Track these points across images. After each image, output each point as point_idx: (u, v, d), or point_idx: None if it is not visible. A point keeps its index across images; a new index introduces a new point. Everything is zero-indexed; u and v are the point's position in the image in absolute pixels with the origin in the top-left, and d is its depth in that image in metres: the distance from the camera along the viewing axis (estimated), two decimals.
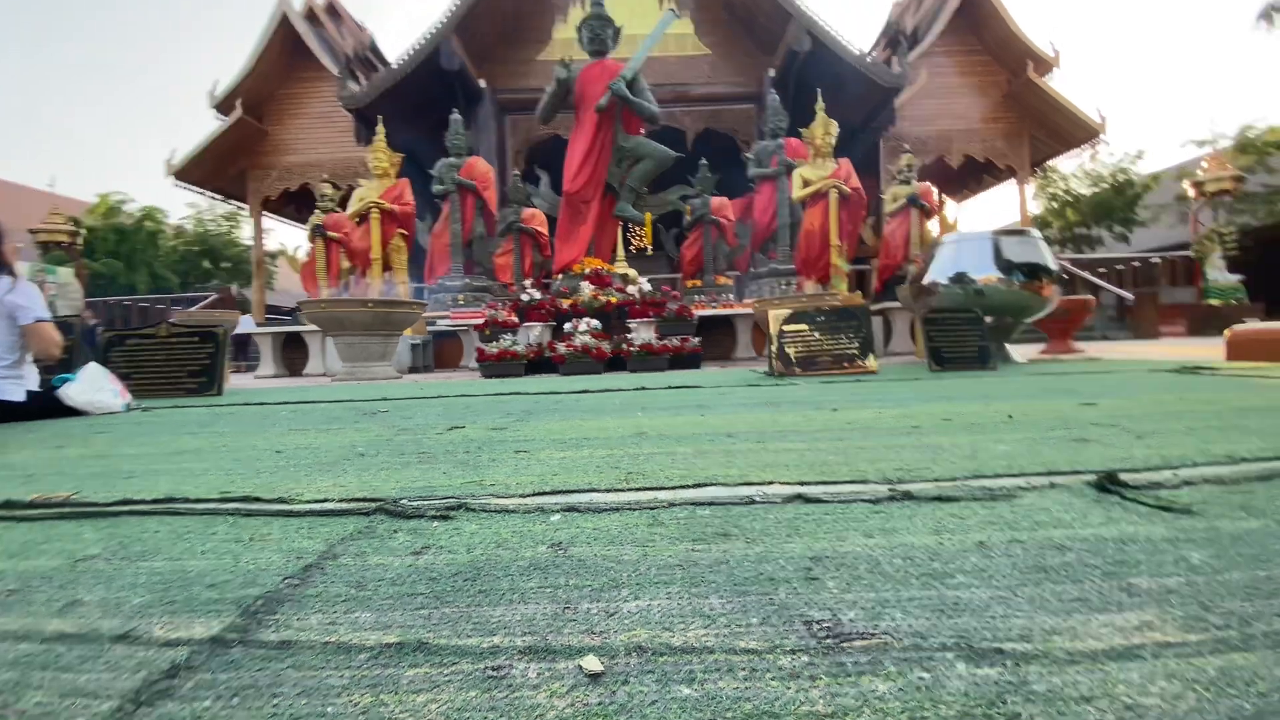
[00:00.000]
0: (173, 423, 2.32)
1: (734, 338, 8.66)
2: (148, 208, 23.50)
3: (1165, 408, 1.75)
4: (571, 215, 8.10)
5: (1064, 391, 2.29)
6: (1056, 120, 17.53)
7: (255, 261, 18.78)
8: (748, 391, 2.78)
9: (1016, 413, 1.78)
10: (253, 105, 17.44)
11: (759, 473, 1.10)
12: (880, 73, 14.26)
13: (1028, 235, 4.46)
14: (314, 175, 18.04)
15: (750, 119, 16.69)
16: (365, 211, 7.84)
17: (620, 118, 7.96)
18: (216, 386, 3.85)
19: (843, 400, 2.26)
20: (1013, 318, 4.59)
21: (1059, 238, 26.91)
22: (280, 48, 17.32)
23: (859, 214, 7.96)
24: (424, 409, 2.52)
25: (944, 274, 4.60)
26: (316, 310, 5.64)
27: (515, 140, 16.57)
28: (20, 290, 2.55)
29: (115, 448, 1.70)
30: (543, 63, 16.34)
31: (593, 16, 7.80)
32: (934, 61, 17.76)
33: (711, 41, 16.61)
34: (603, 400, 2.62)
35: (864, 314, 3.78)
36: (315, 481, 1.15)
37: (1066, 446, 1.24)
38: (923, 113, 17.86)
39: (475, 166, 10.88)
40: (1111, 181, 24.30)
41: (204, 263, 25.79)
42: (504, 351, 5.19)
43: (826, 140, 8.06)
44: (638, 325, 6.13)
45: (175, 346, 3.91)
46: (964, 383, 2.87)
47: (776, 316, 3.79)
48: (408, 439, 1.69)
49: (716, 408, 2.18)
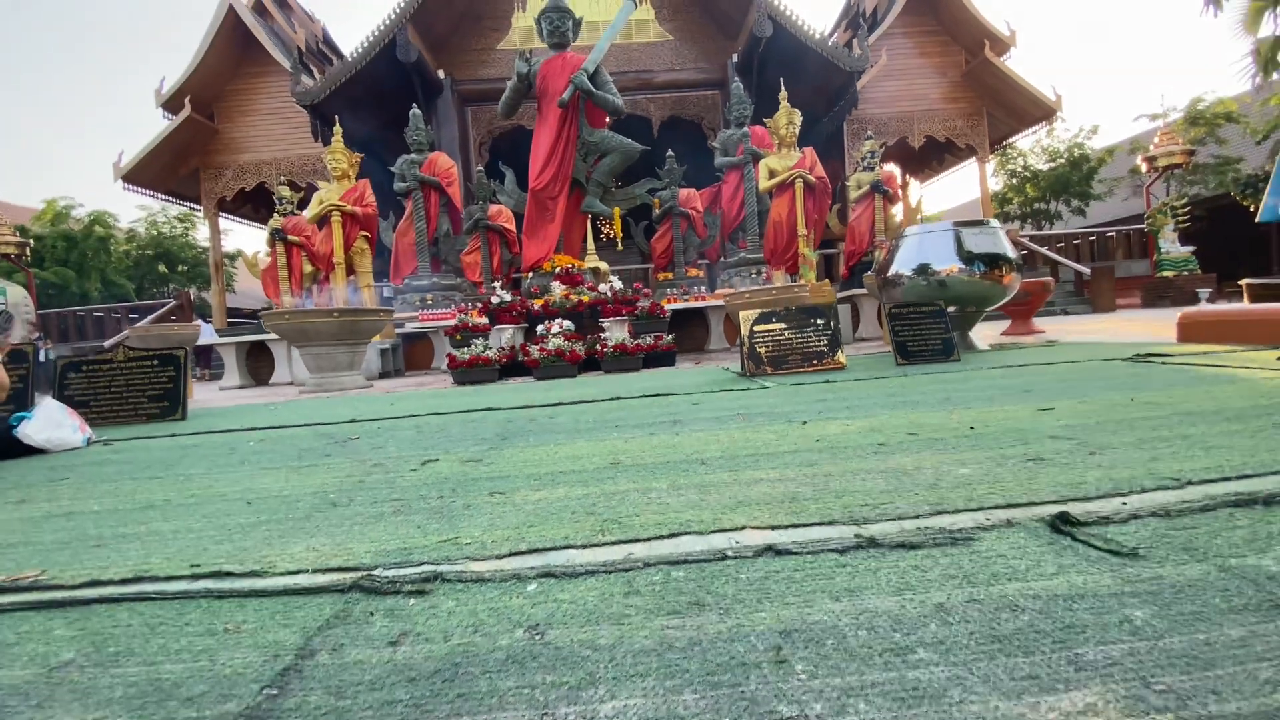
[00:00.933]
0: (136, 463, 2.26)
1: (707, 329, 8.72)
2: (96, 213, 22.59)
3: (1117, 413, 1.82)
4: (539, 211, 8.03)
5: (1022, 391, 2.37)
6: (1014, 99, 17.86)
7: (214, 265, 18.23)
8: (720, 399, 2.81)
9: (978, 422, 1.83)
10: (202, 103, 16.86)
11: (731, 514, 1.12)
12: (841, 56, 14.33)
13: (987, 225, 4.57)
14: (269, 173, 17.58)
15: (715, 105, 16.66)
16: (326, 215, 7.66)
17: (584, 111, 7.89)
18: (180, 410, 3.76)
19: (812, 409, 2.31)
20: (975, 307, 4.71)
21: (1019, 213, 27.52)
22: (228, 42, 16.72)
23: (825, 203, 8.04)
24: (395, 434, 2.50)
25: (908, 266, 4.69)
26: (280, 322, 5.51)
27: (478, 131, 16.29)
28: None
29: (79, 502, 1.66)
30: (502, 52, 16.07)
31: (552, 8, 7.68)
32: (893, 43, 17.92)
33: (673, 27, 16.49)
34: (577, 415, 2.63)
35: (831, 311, 3.84)
36: (288, 545, 1.14)
37: (1024, 469, 1.29)
38: (884, 94, 18.05)
39: (438, 162, 10.69)
40: (1068, 157, 24.88)
41: (159, 267, 24.98)
42: (475, 358, 5.15)
43: (790, 130, 8.10)
44: (611, 324, 6.13)
45: (134, 371, 3.80)
46: (928, 381, 2.95)
47: (746, 317, 3.83)
48: (380, 478, 1.68)
49: (690, 423, 2.21)
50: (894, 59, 17.60)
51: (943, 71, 18.24)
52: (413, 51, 13.57)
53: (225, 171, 17.50)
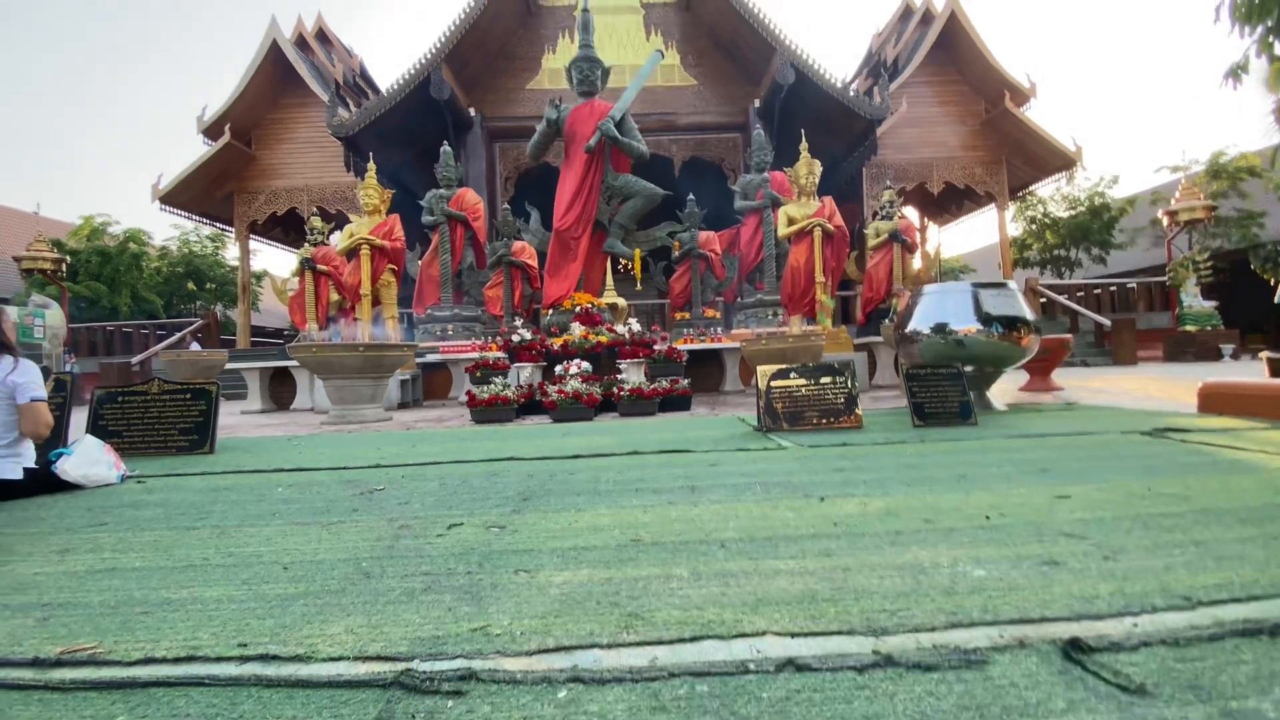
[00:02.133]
0: (170, 506, 2.34)
1: (722, 371, 8.77)
2: (131, 230, 23.30)
3: (1133, 506, 1.84)
4: (561, 251, 8.19)
5: (1039, 471, 2.39)
6: (1034, 149, 18.01)
7: (241, 285, 18.70)
8: (737, 461, 2.85)
9: (994, 509, 1.86)
10: (241, 130, 17.49)
11: (751, 616, 1.16)
12: (862, 104, 14.59)
13: (1006, 288, 4.61)
14: (301, 199, 18.10)
15: (736, 148, 16.98)
16: (355, 247, 7.88)
17: (609, 156, 8.10)
18: (209, 444, 3.86)
19: (829, 481, 2.34)
20: (993, 367, 4.72)
21: (1038, 259, 27.45)
22: (270, 73, 17.41)
23: (842, 250, 8.13)
24: (419, 485, 2.57)
25: (926, 323, 4.74)
26: (307, 355, 5.65)
27: (505, 167, 16.71)
28: (21, 369, 2.58)
29: (121, 555, 1.73)
30: (532, 91, 16.57)
31: (582, 58, 7.95)
32: (914, 91, 18.22)
33: (698, 72, 16.93)
34: (597, 473, 2.68)
35: (849, 369, 3.88)
36: (328, 624, 1.20)
37: (1038, 574, 1.32)
38: (904, 141, 18.29)
39: (465, 197, 10.97)
40: (1088, 205, 24.88)
41: (189, 284, 25.58)
42: (495, 397, 5.24)
43: (810, 180, 8.25)
44: (628, 366, 6.21)
45: (167, 404, 3.92)
46: (945, 451, 2.97)
47: (764, 372, 3.89)
48: (408, 544, 1.74)
49: (707, 490, 2.25)
50: (914, 106, 17.87)
51: (963, 120, 18.49)
52: (446, 89, 14.04)
53: (258, 196, 18.05)
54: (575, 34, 16.40)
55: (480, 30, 14.81)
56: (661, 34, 16.80)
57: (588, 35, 8.07)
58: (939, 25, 17.63)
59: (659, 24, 16.82)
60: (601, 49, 16.15)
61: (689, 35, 16.89)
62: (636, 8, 16.71)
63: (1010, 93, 17.33)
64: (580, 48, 8.17)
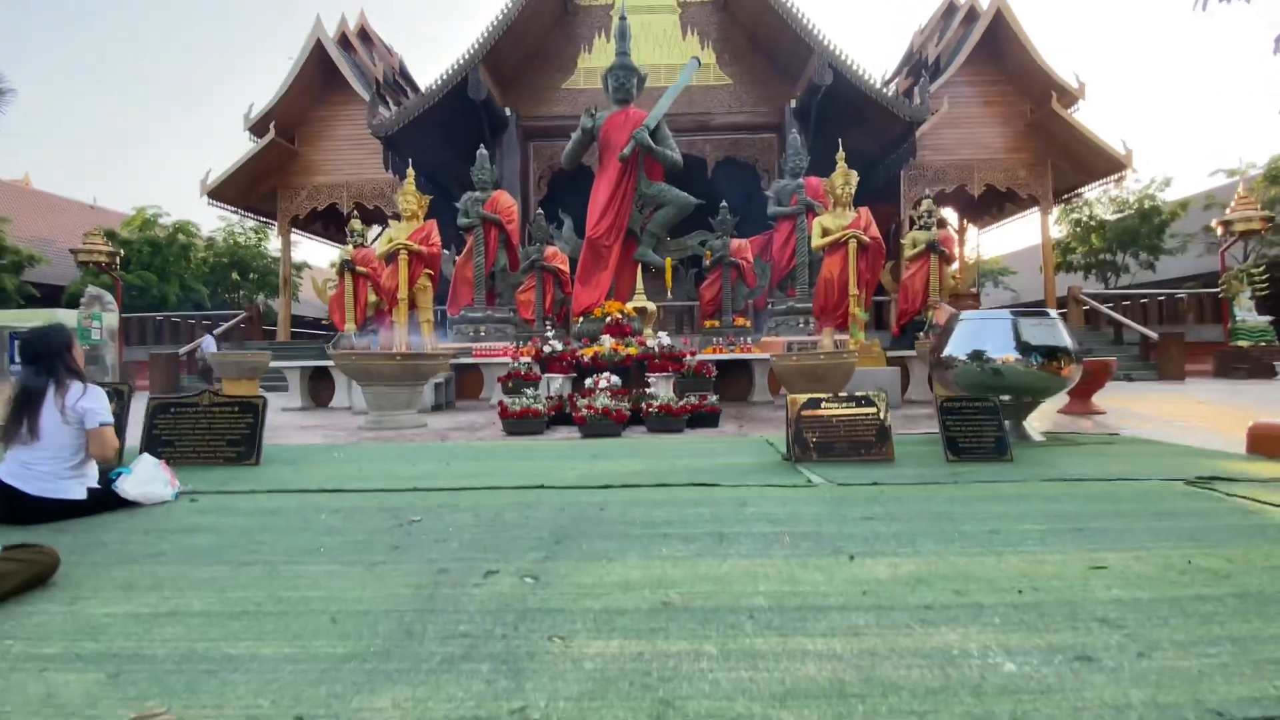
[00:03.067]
0: (223, 532, 2.46)
1: (751, 380, 8.75)
2: (180, 222, 24.13)
3: (1171, 585, 1.81)
4: (593, 259, 8.26)
5: (1074, 531, 2.35)
6: (1080, 152, 17.45)
7: (283, 279, 19.24)
8: (765, 501, 2.87)
9: (1026, 580, 1.85)
10: (285, 127, 17.93)
11: (779, 711, 1.20)
12: (901, 106, 14.31)
13: (1047, 317, 4.52)
14: (341, 195, 18.52)
15: (771, 148, 16.81)
16: (394, 252, 8.07)
17: (643, 165, 8.12)
18: (255, 455, 4.02)
19: (858, 533, 2.35)
20: (1032, 397, 4.64)
21: (1083, 264, 26.62)
22: (314, 72, 17.81)
23: (878, 263, 8.02)
24: (454, 518, 2.65)
25: (962, 350, 4.67)
26: (347, 363, 5.83)
27: (539, 166, 16.84)
28: (90, 395, 2.73)
29: (180, 595, 1.84)
30: (567, 91, 16.64)
31: (619, 66, 7.98)
32: (956, 91, 17.78)
33: (733, 72, 16.78)
34: (625, 509, 2.73)
35: (882, 403, 3.86)
36: (375, 696, 1.27)
37: (1069, 672, 1.33)
38: (944, 142, 17.89)
39: (499, 200, 11.09)
40: (1137, 208, 23.99)
41: (233, 274, 26.39)
42: (526, 410, 5.33)
43: (847, 190, 8.14)
44: (657, 380, 6.25)
45: (217, 416, 4.10)
46: (978, 498, 2.94)
47: (795, 401, 3.89)
48: (447, 594, 1.81)
49: (735, 540, 2.28)
50: (956, 107, 17.44)
51: (1006, 121, 17.98)
52: (483, 89, 14.19)
53: (301, 191, 18.52)
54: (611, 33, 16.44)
55: (517, 30, 14.91)
56: (698, 33, 16.70)
57: (624, 44, 8.08)
58: (984, 23, 17.17)
59: (695, 23, 16.72)
60: (638, 49, 16.14)
61: (725, 34, 16.75)
62: (673, 7, 16.62)
63: (1057, 93, 16.79)
64: (617, 55, 8.20)
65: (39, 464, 2.66)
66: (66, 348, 2.81)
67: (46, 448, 2.66)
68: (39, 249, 21.80)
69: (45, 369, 2.72)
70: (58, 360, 2.75)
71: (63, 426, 2.69)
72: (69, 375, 2.75)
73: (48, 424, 2.66)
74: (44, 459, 2.67)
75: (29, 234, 23.02)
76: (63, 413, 2.68)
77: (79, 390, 2.72)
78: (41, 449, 2.66)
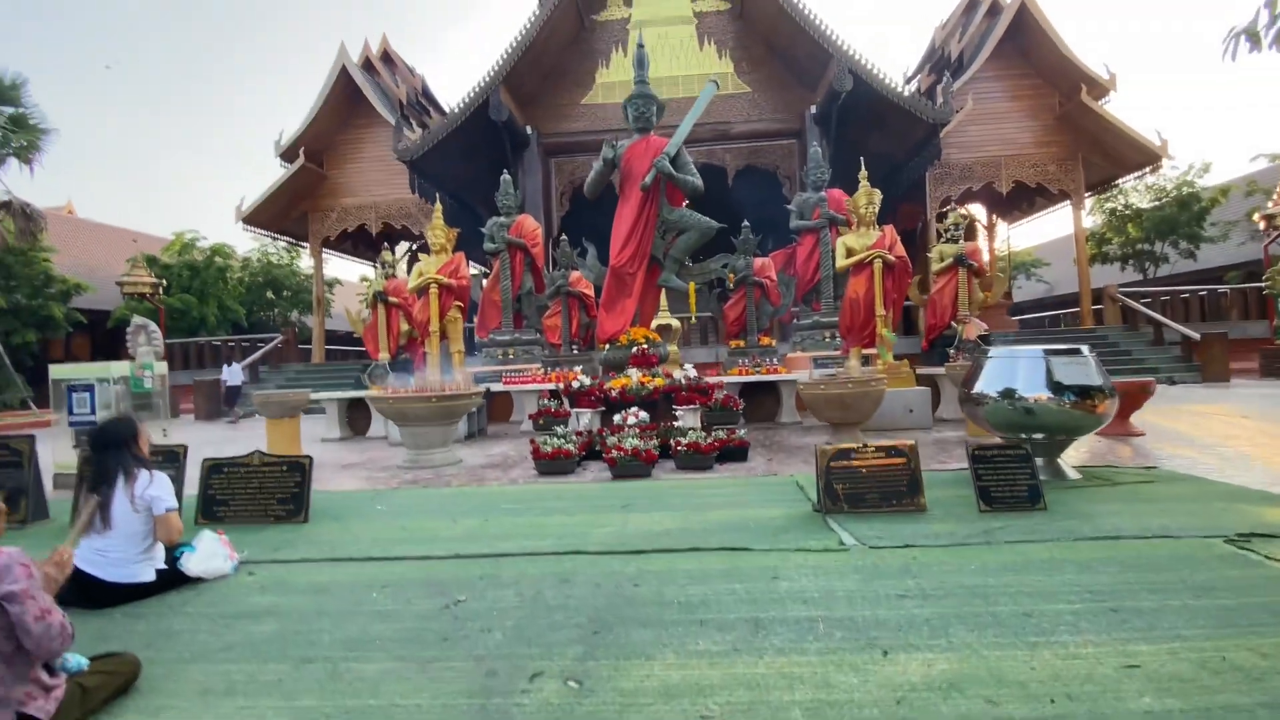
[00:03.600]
0: (284, 621, 2.60)
1: (779, 400, 8.76)
2: (216, 245, 24.92)
3: (1203, 691, 1.83)
4: (617, 286, 8.34)
5: (1109, 611, 2.37)
6: (1112, 144, 17.02)
7: (316, 300, 19.75)
8: (798, 573, 2.92)
9: (1058, 682, 1.89)
10: (314, 152, 18.39)
11: None
12: (924, 108, 14.13)
13: (1079, 355, 4.47)
14: (369, 216, 18.95)
15: (791, 154, 16.72)
16: (425, 286, 8.28)
17: (664, 191, 8.19)
18: (303, 513, 4.21)
19: (892, 618, 2.39)
20: (1065, 435, 4.60)
21: (1119, 254, 25.91)
22: (340, 97, 18.23)
23: (904, 282, 7.96)
24: (498, 598, 2.75)
25: (993, 387, 4.65)
26: (385, 405, 6.02)
27: (560, 182, 17.01)
28: (156, 483, 2.91)
29: (253, 704, 1.98)
30: (586, 107, 16.77)
31: (638, 95, 8.04)
32: (981, 87, 17.47)
33: (751, 80, 16.73)
34: (660, 586, 2.81)
35: (912, 453, 3.88)
36: None
37: None
38: (970, 139, 17.58)
39: (524, 224, 11.28)
40: (1175, 196, 23.25)
41: (268, 293, 27.15)
42: (557, 451, 5.46)
43: (870, 209, 8.10)
44: (684, 412, 6.32)
45: (266, 475, 4.30)
46: (1010, 564, 2.96)
47: (824, 452, 3.93)
48: (498, 703, 1.92)
49: (770, 630, 2.34)
50: (981, 103, 17.13)
51: (1034, 115, 17.60)
52: (504, 110, 14.39)
53: (330, 214, 18.98)
54: (627, 48, 16.51)
55: (535, 50, 15.08)
56: (715, 42, 16.67)
57: (643, 71, 8.14)
58: (1008, 16, 16.82)
59: (712, 32, 16.69)
60: (655, 60, 16.18)
61: (742, 42, 16.69)
62: (689, 17, 16.62)
63: (1086, 85, 16.38)
64: (636, 84, 8.25)
65: (112, 550, 2.85)
66: (133, 438, 2.99)
67: (118, 535, 2.85)
68: (84, 276, 22.71)
69: (115, 461, 2.90)
70: (125, 452, 2.94)
71: (133, 515, 2.87)
72: (136, 465, 2.94)
73: (119, 513, 2.84)
74: (116, 546, 2.85)
75: (74, 262, 23.98)
76: (132, 502, 2.86)
77: (146, 479, 2.90)
78: (114, 537, 2.84)
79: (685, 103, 15.96)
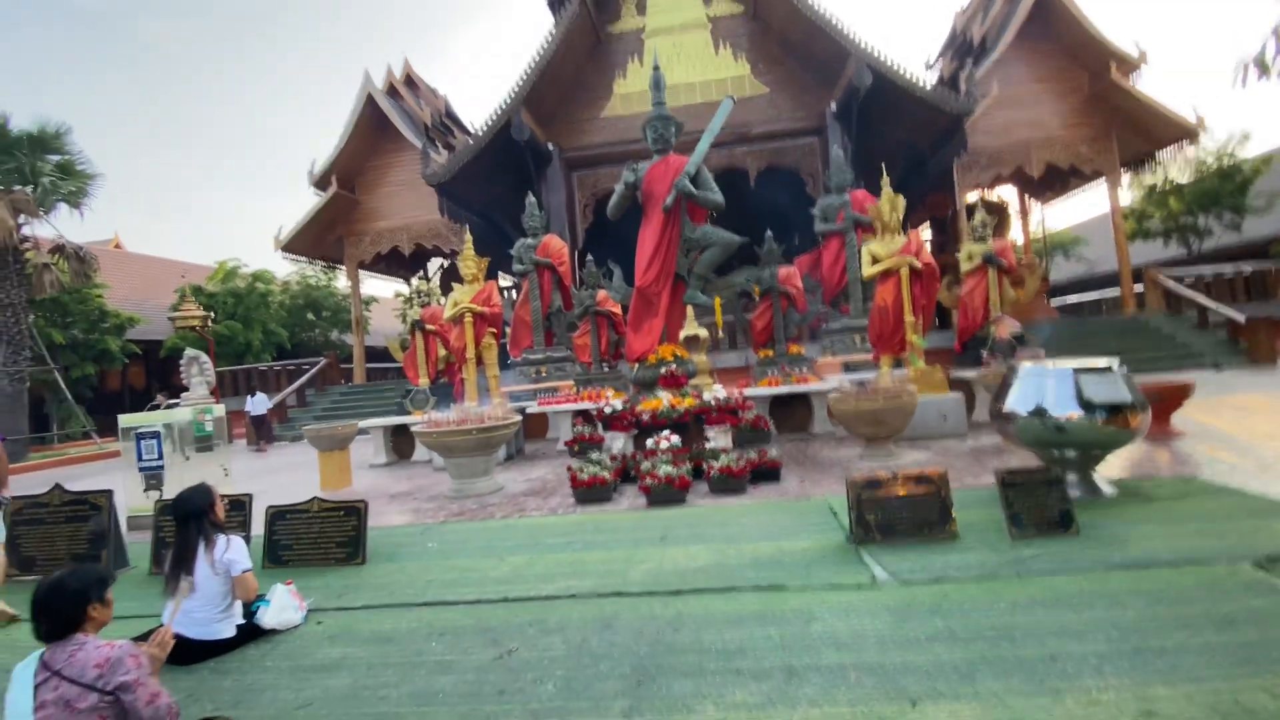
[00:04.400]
0: (356, 674, 2.83)
1: (810, 410, 8.82)
2: (259, 271, 25.88)
3: None
4: (644, 306, 8.52)
5: (1133, 652, 2.44)
6: (1146, 121, 16.54)
7: (355, 321, 20.39)
8: (830, 614, 3.04)
9: None
10: (346, 179, 18.98)
11: None
12: (947, 99, 13.94)
13: (1110, 372, 4.47)
14: (401, 238, 19.48)
15: (813, 153, 16.64)
16: (460, 315, 8.58)
17: (686, 210, 8.33)
18: (360, 556, 4.49)
19: (921, 663, 2.51)
20: (1099, 451, 4.61)
21: (1161, 230, 25.05)
22: (367, 124, 18.78)
23: (932, 287, 7.93)
24: (547, 645, 2.95)
25: (1024, 406, 4.67)
26: (430, 439, 6.31)
27: (583, 195, 17.24)
28: (233, 547, 3.19)
29: None
30: (605, 119, 16.95)
31: (656, 117, 8.19)
32: (1006, 70, 17.11)
33: (769, 80, 16.69)
34: (699, 632, 2.97)
35: (941, 481, 3.95)
36: None
37: None
38: (997, 124, 17.25)
39: (550, 245, 11.53)
40: (1216, 168, 22.37)
41: (308, 314, 28.07)
42: (594, 479, 5.66)
43: (895, 216, 8.10)
44: (715, 433, 6.46)
45: (325, 520, 4.59)
46: (1039, 602, 3.03)
47: (854, 483, 4.03)
48: None
49: (803, 679, 2.47)
50: (1007, 87, 16.76)
51: (1062, 96, 17.17)
52: (525, 130, 14.66)
53: (364, 238, 19.57)
54: (643, 58, 16.62)
55: (554, 66, 15.31)
56: (730, 45, 16.67)
57: (660, 94, 8.28)
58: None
59: (727, 36, 16.69)
60: (671, 68, 16.27)
61: (758, 44, 16.65)
62: (703, 22, 16.66)
63: (1116, 63, 15.92)
64: (654, 105, 8.41)
65: (196, 611, 3.13)
66: (210, 506, 3.28)
67: (201, 597, 3.13)
68: (134, 307, 23.84)
69: (196, 529, 3.19)
70: (204, 520, 3.23)
71: (213, 577, 3.15)
72: (214, 530, 3.23)
73: (200, 577, 3.12)
74: (200, 607, 3.14)
75: (124, 294, 25.17)
76: (212, 566, 3.14)
77: (224, 544, 3.19)
78: (196, 598, 3.12)
79: (703, 108, 16.02)
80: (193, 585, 3.02)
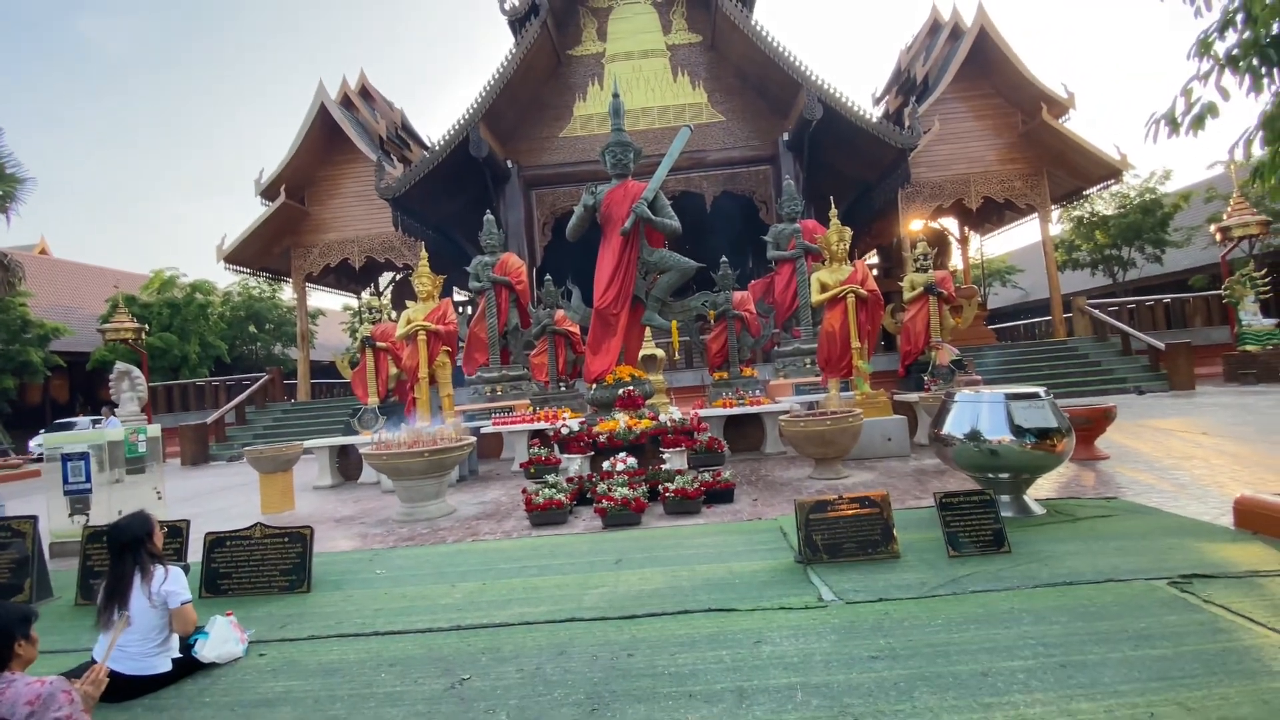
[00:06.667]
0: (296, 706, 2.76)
1: (763, 431, 9.01)
2: (198, 281, 24.84)
3: None
4: (602, 327, 8.58)
5: (1058, 667, 2.61)
6: (1075, 159, 17.66)
7: (300, 335, 19.78)
8: (779, 634, 3.13)
9: None
10: (295, 189, 18.53)
11: None
12: (892, 134, 14.61)
13: (1038, 399, 4.76)
14: (352, 250, 19.07)
15: (766, 180, 17.15)
16: (413, 333, 8.45)
17: (644, 234, 8.46)
18: (305, 584, 4.35)
19: (864, 683, 2.61)
20: (1028, 474, 4.88)
21: (1089, 260, 26.66)
22: (319, 134, 18.42)
23: (877, 314, 8.28)
24: (501, 674, 2.94)
25: (959, 430, 4.93)
26: (379, 461, 6.18)
27: (542, 213, 17.27)
28: (171, 578, 3.07)
29: None
30: (565, 139, 17.10)
31: (615, 143, 8.33)
32: (947, 108, 18.06)
33: (725, 108, 17.16)
34: (653, 655, 3.01)
35: (885, 503, 4.12)
36: None
37: None
38: (939, 158, 18.14)
39: (508, 262, 11.51)
40: (1139, 203, 24.06)
41: (250, 327, 27.04)
42: (549, 501, 5.65)
43: (841, 246, 8.44)
44: (671, 454, 6.54)
45: (269, 547, 4.44)
46: (973, 620, 3.19)
47: (803, 505, 4.16)
48: None
49: (754, 700, 2.54)
50: (948, 123, 17.71)
51: (998, 134, 18.23)
52: (484, 147, 14.66)
53: (313, 250, 19.08)
54: (603, 81, 16.88)
55: (514, 86, 15.39)
56: (688, 74, 17.10)
57: (619, 120, 8.44)
58: (969, 40, 17.45)
59: (685, 64, 17.13)
60: (630, 93, 16.58)
61: (715, 73, 17.14)
62: (662, 50, 17.05)
63: (1047, 104, 17.03)
64: (613, 131, 8.55)
65: (130, 645, 2.99)
66: (148, 536, 3.15)
67: (136, 631, 3.00)
68: (61, 317, 22.54)
69: (133, 560, 3.06)
70: (141, 550, 3.10)
71: (150, 610, 3.02)
72: (152, 561, 3.10)
73: (136, 610, 2.99)
74: (134, 640, 3.00)
75: (50, 303, 23.79)
76: (149, 598, 3.02)
77: (161, 575, 3.06)
78: (131, 632, 2.99)
79: (661, 133, 16.36)
80: (129, 620, 2.89)
